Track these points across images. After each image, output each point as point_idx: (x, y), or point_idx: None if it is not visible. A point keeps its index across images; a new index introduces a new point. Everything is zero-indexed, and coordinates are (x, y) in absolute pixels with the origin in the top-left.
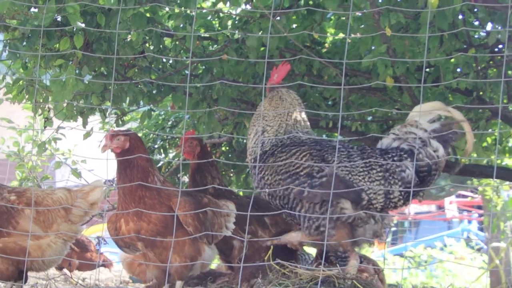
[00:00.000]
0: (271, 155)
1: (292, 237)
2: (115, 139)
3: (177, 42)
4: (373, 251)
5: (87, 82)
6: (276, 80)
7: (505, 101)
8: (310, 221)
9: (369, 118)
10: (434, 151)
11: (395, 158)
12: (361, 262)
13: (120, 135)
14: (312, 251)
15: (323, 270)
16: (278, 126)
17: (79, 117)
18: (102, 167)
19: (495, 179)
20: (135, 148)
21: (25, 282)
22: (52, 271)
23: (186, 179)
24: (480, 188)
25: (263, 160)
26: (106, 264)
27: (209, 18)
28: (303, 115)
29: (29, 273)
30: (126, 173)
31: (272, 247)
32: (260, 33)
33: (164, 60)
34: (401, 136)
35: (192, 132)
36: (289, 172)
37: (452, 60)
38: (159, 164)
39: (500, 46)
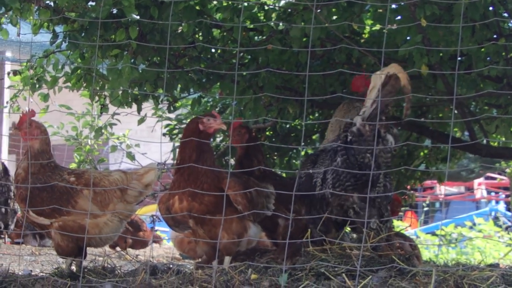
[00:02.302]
0: None
1: None
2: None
3: (225, 33)
4: (407, 229)
5: (141, 71)
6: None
7: None
8: None
9: (404, 104)
10: (353, 125)
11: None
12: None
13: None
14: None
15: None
16: None
17: (133, 103)
18: (155, 150)
19: None
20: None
21: (84, 257)
22: (107, 248)
23: (232, 161)
24: (508, 170)
25: None
26: (157, 240)
27: (255, 10)
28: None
29: (87, 250)
30: (205, 157)
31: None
32: (302, 24)
33: (213, 50)
34: None
35: (240, 120)
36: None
37: (483, 49)
38: None
39: None
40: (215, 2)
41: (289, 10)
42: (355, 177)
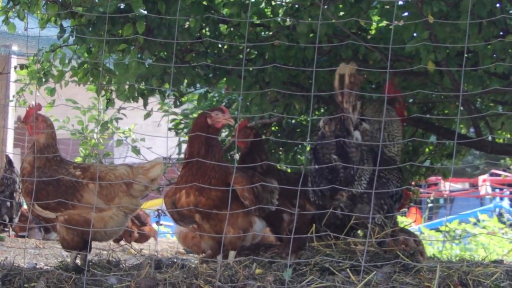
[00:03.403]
0: None
1: None
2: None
3: (232, 29)
4: (411, 225)
5: (148, 66)
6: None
7: None
8: None
9: (410, 101)
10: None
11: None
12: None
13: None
14: None
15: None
16: None
17: (139, 98)
18: (160, 144)
19: None
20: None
21: (89, 251)
22: (111, 242)
23: (237, 156)
24: None
25: None
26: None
27: (262, 6)
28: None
29: (92, 243)
30: (213, 151)
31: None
32: (309, 20)
33: (220, 45)
34: None
35: (245, 121)
36: None
37: (490, 46)
38: None
39: None
40: None
41: (296, 6)
42: (327, 179)
